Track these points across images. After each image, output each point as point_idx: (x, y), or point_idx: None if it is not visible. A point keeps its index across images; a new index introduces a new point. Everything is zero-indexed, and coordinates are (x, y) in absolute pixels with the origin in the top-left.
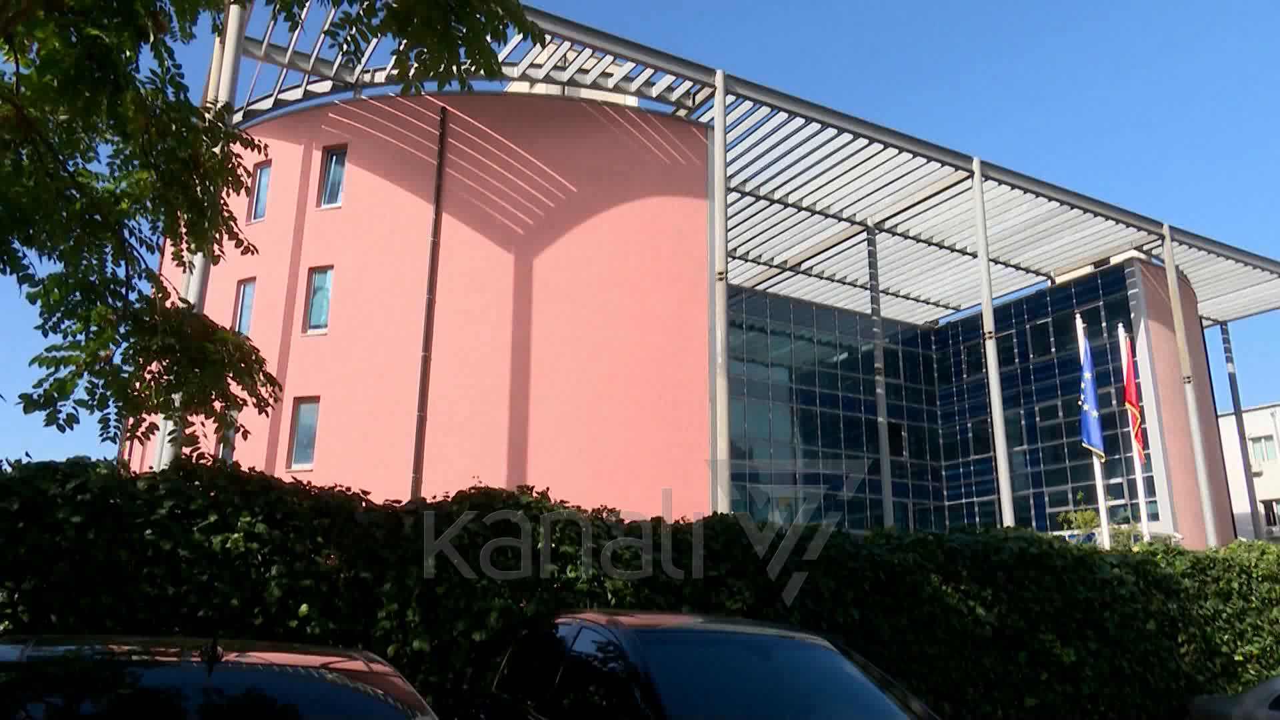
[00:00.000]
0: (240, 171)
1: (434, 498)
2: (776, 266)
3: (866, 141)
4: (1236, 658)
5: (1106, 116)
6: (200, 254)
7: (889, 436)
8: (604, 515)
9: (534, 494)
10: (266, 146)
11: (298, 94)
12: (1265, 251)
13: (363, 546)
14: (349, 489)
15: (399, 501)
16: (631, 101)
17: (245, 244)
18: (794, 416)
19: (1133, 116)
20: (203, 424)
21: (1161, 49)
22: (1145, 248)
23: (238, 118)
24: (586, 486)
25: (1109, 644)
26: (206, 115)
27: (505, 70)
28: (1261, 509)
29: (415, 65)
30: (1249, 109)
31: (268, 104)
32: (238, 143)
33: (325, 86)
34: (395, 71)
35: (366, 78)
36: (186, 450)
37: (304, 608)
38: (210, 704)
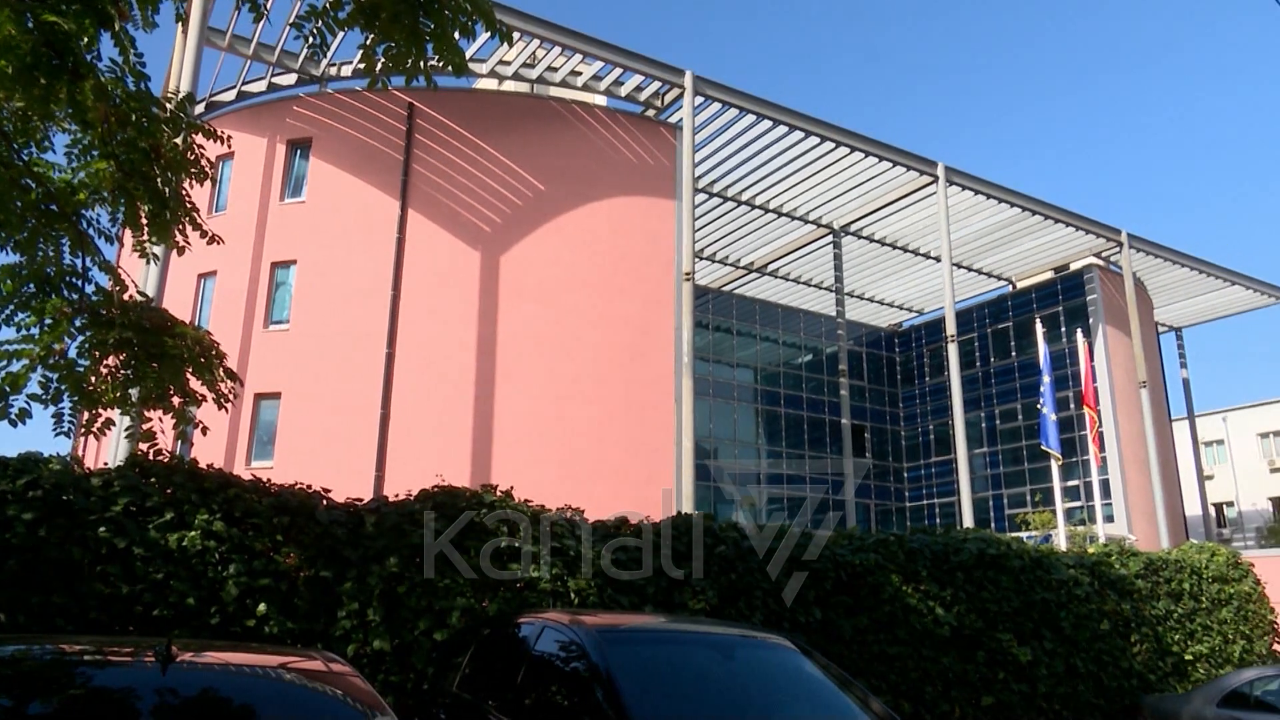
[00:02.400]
0: (203, 163)
1: (397, 496)
2: (743, 268)
3: (833, 145)
4: (1187, 657)
5: (1069, 125)
6: (162, 246)
7: (852, 438)
8: (568, 515)
9: (498, 493)
10: (229, 138)
11: (261, 86)
12: (1220, 260)
13: (324, 545)
14: (310, 487)
15: (361, 500)
16: (600, 100)
17: (210, 235)
18: (759, 417)
19: (1094, 125)
20: (160, 420)
21: (1124, 61)
22: (1104, 254)
23: (200, 109)
24: (551, 486)
25: (1064, 643)
26: (168, 105)
27: (473, 67)
28: (1212, 512)
29: (382, 60)
30: (1206, 121)
31: (231, 95)
32: (200, 134)
33: (290, 79)
34: (362, 66)
35: (332, 71)
36: (143, 446)
37: (262, 607)
38: (164, 704)
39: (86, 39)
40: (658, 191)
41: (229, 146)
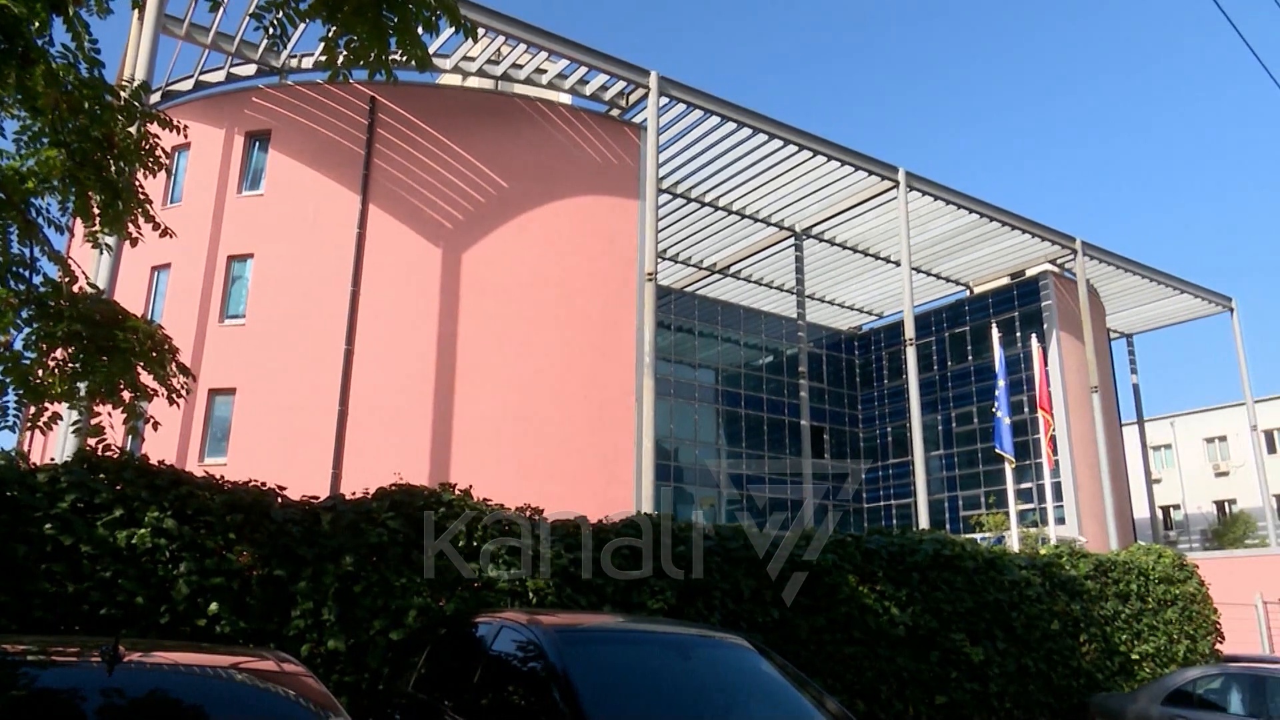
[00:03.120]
0: (158, 153)
1: (354, 494)
2: (705, 269)
3: (797, 148)
4: (1133, 656)
5: (1028, 133)
6: (114, 236)
7: (811, 439)
8: (528, 514)
9: (456, 492)
10: (186, 128)
11: (220, 76)
12: (1170, 269)
13: (278, 543)
14: (265, 484)
15: (316, 497)
16: (565, 99)
17: (162, 227)
18: (719, 418)
19: (1052, 134)
20: (110, 415)
21: (1082, 74)
22: (1059, 261)
23: (155, 98)
24: (511, 485)
25: (1016, 643)
26: (122, 93)
27: (437, 62)
28: (1160, 514)
29: (344, 53)
30: (1161, 134)
31: (188, 85)
32: (155, 123)
33: (249, 70)
34: (323, 58)
35: (293, 63)
36: (91, 441)
37: (214, 606)
38: (111, 706)
39: (37, 23)
40: (621, 191)
41: (185, 137)
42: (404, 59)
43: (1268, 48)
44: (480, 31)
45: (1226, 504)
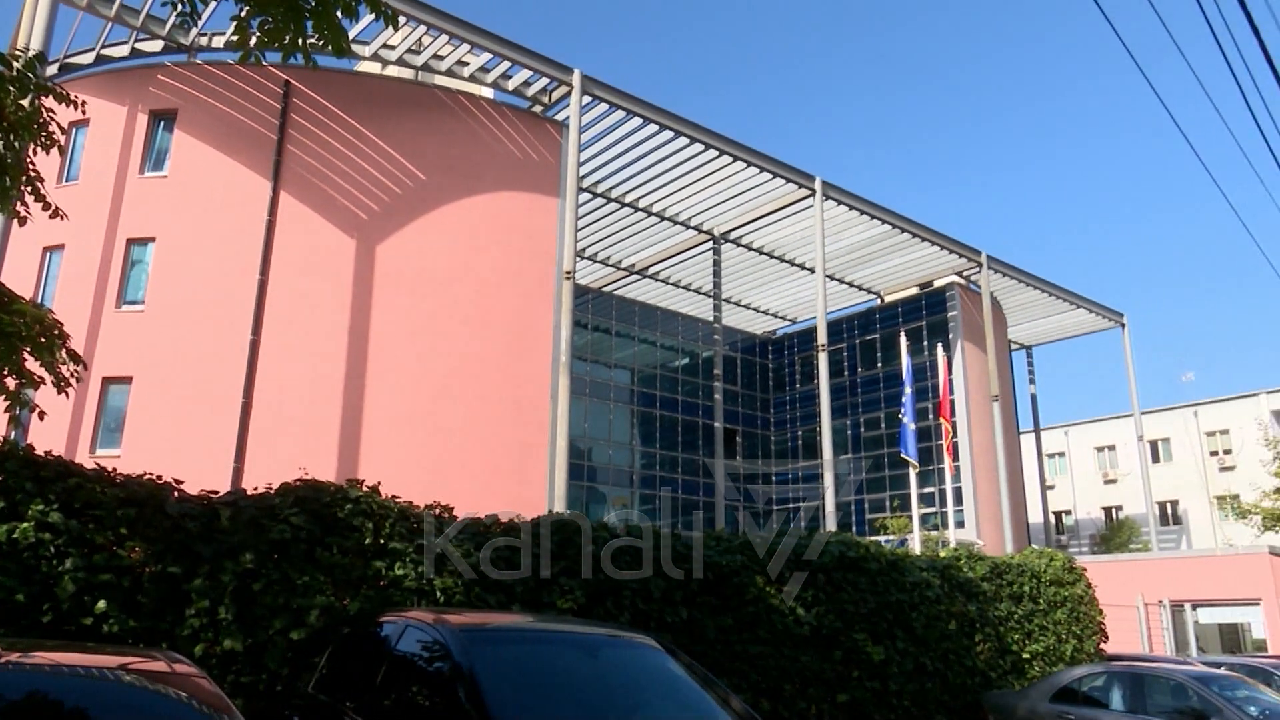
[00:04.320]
0: (53, 128)
1: (256, 489)
2: (624, 269)
3: (717, 153)
4: (1024, 655)
5: (943, 148)
6: (1, 215)
7: (724, 441)
8: (438, 512)
9: (364, 488)
10: (84, 104)
11: (124, 51)
12: (1068, 284)
13: (173, 539)
14: (160, 477)
15: (216, 492)
16: (487, 93)
17: (54, 207)
18: (634, 418)
19: (965, 151)
20: None
21: (997, 98)
22: (965, 273)
23: (52, 70)
24: (422, 482)
25: (915, 643)
26: (14, 64)
27: (355, 49)
28: (1053, 519)
29: (257, 34)
30: (1070, 156)
31: (88, 59)
32: (50, 96)
33: (156, 46)
34: (235, 38)
35: (203, 41)
36: None
37: (101, 604)
38: None
39: None
40: (541, 188)
41: (83, 113)
42: (321, 43)
43: (1170, 83)
44: (401, 20)
45: (1114, 510)
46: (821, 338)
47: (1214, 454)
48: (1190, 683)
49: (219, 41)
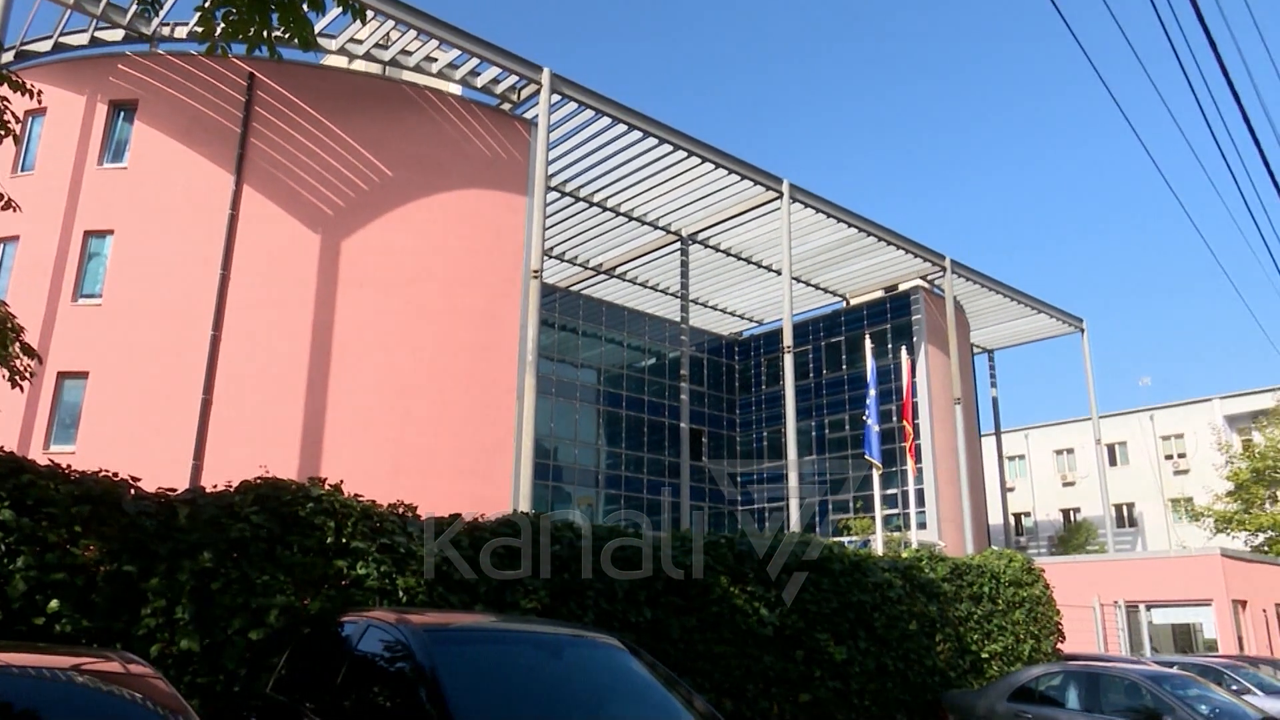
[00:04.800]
0: (8, 117)
1: (215, 487)
2: (591, 269)
3: (686, 154)
4: (983, 655)
5: (910, 153)
6: None
7: (690, 442)
8: (400, 510)
9: (326, 486)
10: (40, 92)
11: (83, 39)
12: (1029, 289)
13: (129, 537)
14: (116, 474)
15: (174, 489)
16: (455, 89)
17: (5, 198)
18: (600, 418)
19: (932, 156)
20: None
21: (965, 106)
22: (929, 277)
23: (8, 57)
24: (385, 481)
25: (876, 643)
26: None
27: (322, 42)
28: (1012, 521)
29: (221, 25)
30: (1030, 160)
31: (46, 46)
32: (4, 84)
33: (116, 35)
34: (199, 29)
35: (165, 30)
36: None
37: (54, 603)
38: None
39: None
40: (509, 186)
41: (39, 101)
42: (286, 36)
43: (1131, 95)
44: (369, 14)
45: (1072, 512)
46: (787, 339)
47: (1169, 458)
48: (1144, 682)
49: (181, 32)
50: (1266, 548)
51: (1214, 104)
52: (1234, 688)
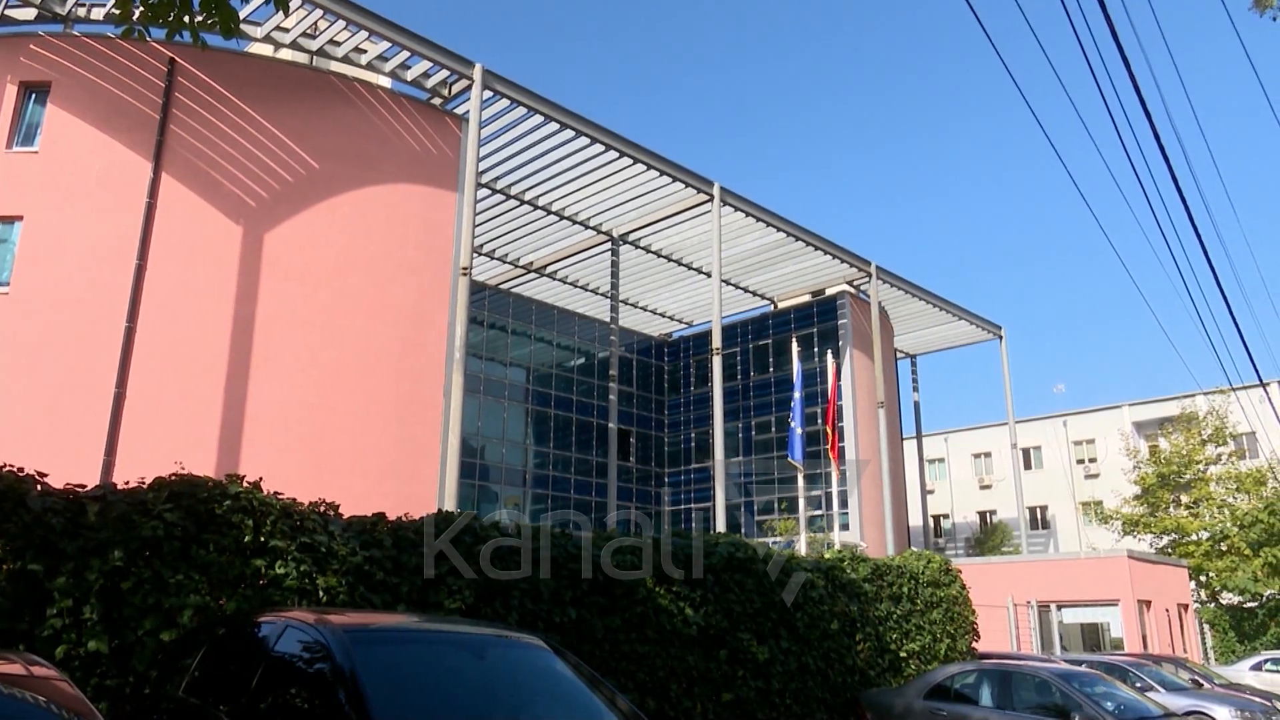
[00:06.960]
0: None
1: (128, 483)
2: (522, 267)
3: (618, 155)
4: (902, 654)
5: (840, 162)
6: None
7: (618, 442)
8: (322, 509)
9: (245, 484)
10: None
11: None
12: (951, 297)
13: (34, 535)
14: (21, 469)
15: (84, 485)
16: (385, 82)
17: None
18: (528, 417)
19: (861, 164)
20: None
21: (899, 118)
22: (855, 283)
23: None
24: (308, 479)
25: (799, 642)
26: None
27: (247, 29)
28: (932, 522)
29: (140, 8)
30: (956, 172)
31: None
32: None
33: (28, 14)
34: (116, 11)
35: (81, 11)
36: None
37: None
38: None
39: None
40: (439, 182)
41: None
42: (209, 22)
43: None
44: (295, 2)
45: (988, 514)
46: (716, 341)
47: (1080, 462)
48: (1053, 679)
49: (98, 13)
50: (1170, 550)
51: (1129, 126)
52: (1138, 685)
